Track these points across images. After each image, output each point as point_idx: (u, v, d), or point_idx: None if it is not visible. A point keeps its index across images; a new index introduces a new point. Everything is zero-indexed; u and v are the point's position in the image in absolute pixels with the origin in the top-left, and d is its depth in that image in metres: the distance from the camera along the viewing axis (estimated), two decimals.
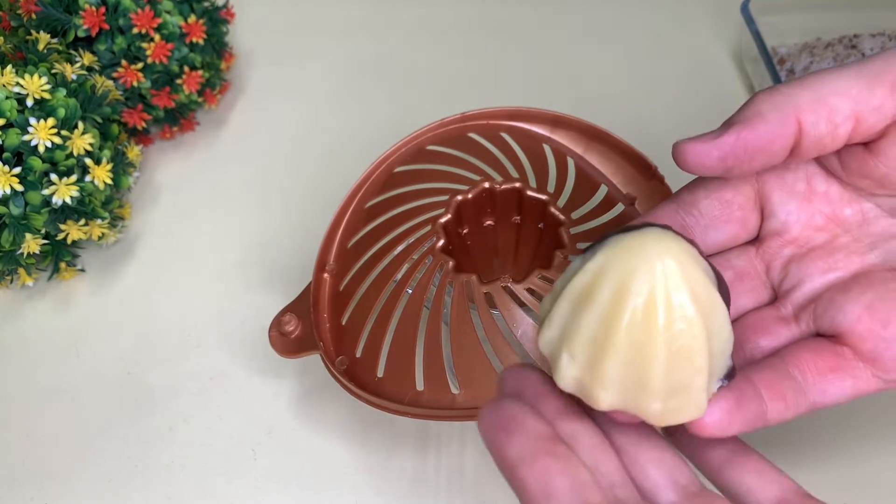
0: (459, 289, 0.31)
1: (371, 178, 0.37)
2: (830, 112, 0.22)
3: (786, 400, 0.21)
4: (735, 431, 0.20)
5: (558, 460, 0.18)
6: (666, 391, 0.19)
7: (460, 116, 0.38)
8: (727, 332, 0.19)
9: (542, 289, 0.31)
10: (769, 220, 0.25)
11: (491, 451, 0.19)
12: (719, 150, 0.22)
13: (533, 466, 0.18)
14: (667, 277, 0.17)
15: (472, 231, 0.36)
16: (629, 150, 0.36)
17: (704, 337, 0.18)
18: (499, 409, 0.20)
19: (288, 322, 0.32)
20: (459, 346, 0.30)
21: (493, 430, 0.19)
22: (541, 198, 0.34)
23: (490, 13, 0.51)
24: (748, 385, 0.21)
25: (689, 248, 0.18)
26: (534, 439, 0.18)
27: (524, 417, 0.19)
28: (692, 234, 0.25)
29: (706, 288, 0.18)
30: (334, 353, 0.32)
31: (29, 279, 0.38)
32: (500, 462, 0.19)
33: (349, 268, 0.34)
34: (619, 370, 0.19)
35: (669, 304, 0.18)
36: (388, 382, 0.30)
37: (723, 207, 0.25)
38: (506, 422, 0.19)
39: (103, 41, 0.39)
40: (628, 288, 0.18)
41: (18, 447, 0.34)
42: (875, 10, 0.45)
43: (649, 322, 0.18)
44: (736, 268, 0.25)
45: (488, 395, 0.29)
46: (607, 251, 0.19)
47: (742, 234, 0.26)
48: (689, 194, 0.25)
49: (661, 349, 0.18)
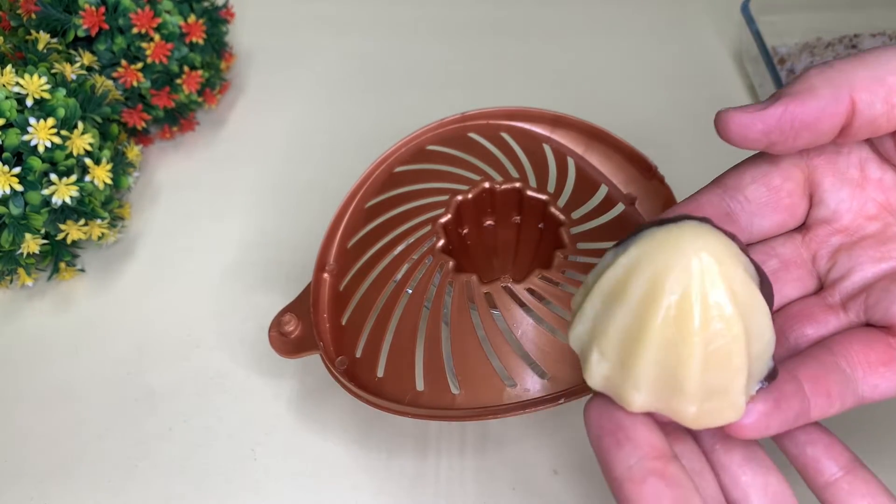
0: (459, 289, 0.31)
1: (371, 178, 0.37)
2: (889, 92, 0.21)
3: (830, 395, 0.20)
4: (774, 432, 0.19)
5: (670, 486, 0.17)
6: (702, 393, 0.18)
7: (460, 116, 0.38)
8: (769, 333, 0.18)
9: (542, 289, 0.31)
10: (818, 207, 0.24)
11: (597, 455, 0.18)
12: (764, 122, 0.21)
13: (642, 488, 0.17)
14: (704, 274, 0.17)
15: (472, 231, 0.36)
16: (629, 149, 0.36)
17: (744, 337, 0.17)
18: (609, 412, 0.18)
19: (288, 322, 0.32)
20: (459, 346, 0.30)
21: (602, 435, 0.18)
22: (541, 198, 0.34)
23: (490, 13, 0.51)
24: (791, 382, 0.20)
25: (729, 244, 0.18)
26: (645, 456, 0.17)
27: (635, 426, 0.18)
28: (737, 221, 0.24)
29: (746, 286, 0.17)
30: (334, 353, 0.32)
31: (29, 279, 0.38)
32: (606, 472, 0.18)
33: (349, 268, 0.33)
34: (652, 370, 0.18)
35: (706, 302, 0.17)
36: (389, 382, 0.30)
37: (770, 194, 0.24)
38: (615, 428, 0.18)
39: (103, 41, 0.39)
40: (662, 285, 0.17)
41: (18, 447, 0.34)
42: (875, 10, 0.45)
43: (684, 321, 0.17)
44: (781, 256, 0.24)
45: (489, 396, 0.29)
46: (641, 245, 0.18)
47: (790, 222, 0.24)
48: (734, 178, 0.24)
49: (698, 350, 0.17)
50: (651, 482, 0.17)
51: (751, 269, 0.18)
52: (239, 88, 0.48)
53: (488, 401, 0.29)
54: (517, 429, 0.33)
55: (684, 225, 0.17)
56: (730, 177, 0.24)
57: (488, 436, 0.33)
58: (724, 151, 0.43)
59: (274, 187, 0.43)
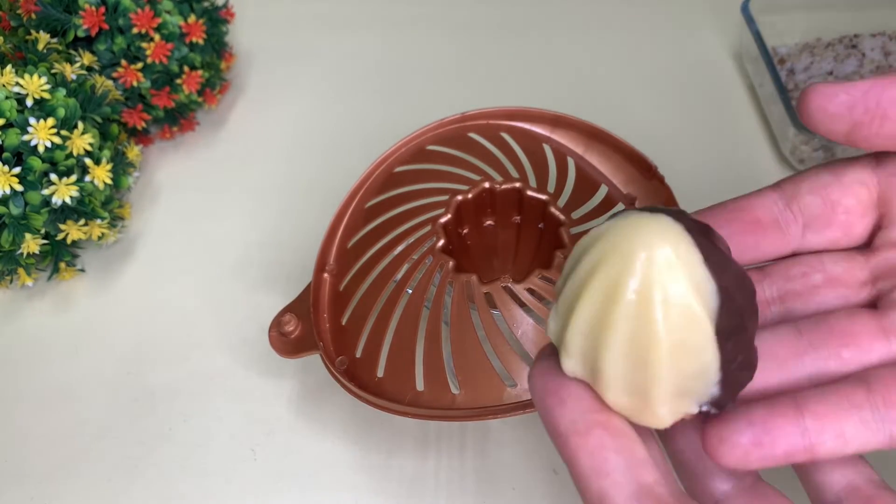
0: (459, 289, 0.31)
1: (371, 178, 0.37)
2: None
3: (844, 436, 0.18)
4: (756, 466, 0.18)
5: (613, 436, 0.17)
6: (624, 386, 0.18)
7: (460, 116, 0.38)
8: (709, 356, 0.17)
9: (542, 289, 0.31)
10: (889, 229, 0.22)
11: (541, 415, 0.18)
12: (848, 94, 0.19)
13: (586, 440, 0.17)
14: (635, 272, 0.16)
15: (472, 231, 0.36)
16: (629, 149, 0.36)
17: (664, 346, 0.17)
18: (551, 374, 0.18)
19: (288, 322, 0.32)
20: (459, 346, 0.30)
21: (545, 394, 0.18)
22: (541, 198, 0.34)
23: (490, 12, 0.51)
24: (784, 416, 0.18)
25: (688, 249, 0.17)
26: (587, 410, 0.17)
27: (578, 386, 0.18)
28: (786, 229, 0.22)
29: (683, 297, 0.17)
30: (334, 353, 0.32)
31: (29, 279, 0.38)
32: (551, 431, 0.18)
33: (349, 268, 0.33)
34: (585, 351, 0.18)
35: (630, 298, 0.16)
36: (389, 382, 0.30)
37: (826, 208, 0.22)
38: (557, 387, 0.18)
39: (103, 41, 0.39)
40: (595, 274, 0.17)
41: (18, 447, 0.34)
42: (875, 10, 0.45)
43: (608, 311, 0.17)
44: (829, 273, 0.22)
45: (489, 396, 0.29)
46: (600, 232, 0.17)
47: (842, 240, 0.22)
48: (792, 185, 0.22)
49: (617, 339, 0.17)
50: (596, 433, 0.17)
51: (709, 285, 0.17)
52: (239, 88, 0.48)
53: (488, 401, 0.29)
54: (517, 429, 0.33)
55: (638, 218, 0.17)
56: (788, 182, 0.23)
57: (488, 436, 0.33)
58: (723, 151, 0.43)
59: (274, 187, 0.43)
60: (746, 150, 0.43)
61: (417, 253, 0.32)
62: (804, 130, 0.38)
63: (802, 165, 0.40)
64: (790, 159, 0.41)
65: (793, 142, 0.40)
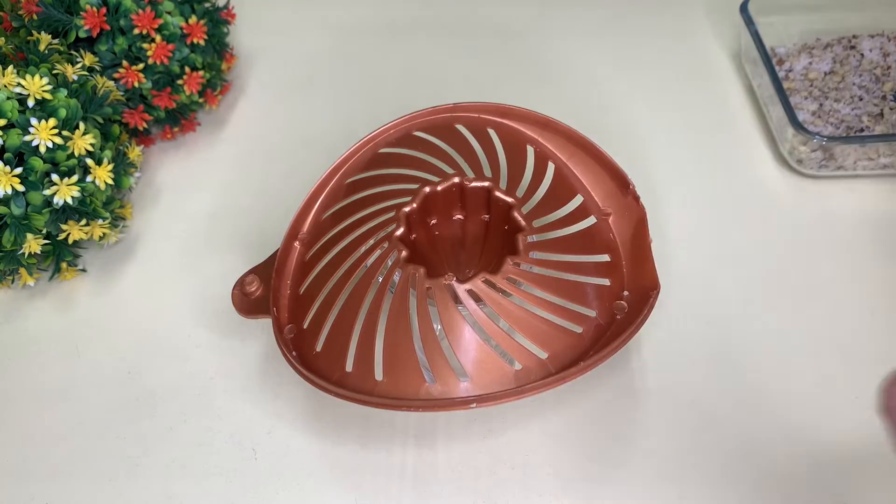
0: (405, 279, 0.31)
1: (357, 154, 0.37)
2: None
3: None
4: None
5: None
6: None
7: (452, 106, 0.38)
8: None
9: (482, 292, 0.30)
10: None
11: None
12: None
13: None
14: None
15: (440, 222, 0.36)
16: (611, 164, 0.35)
17: None
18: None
19: (251, 283, 0.33)
20: (392, 334, 0.30)
21: None
22: (507, 200, 0.34)
23: (490, 13, 0.51)
24: None
25: None
26: None
27: None
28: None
29: None
30: (287, 321, 0.32)
31: (30, 279, 0.38)
32: None
33: (318, 239, 0.34)
34: None
35: None
36: (323, 358, 0.31)
37: None
38: None
39: (104, 42, 0.39)
40: None
41: (18, 447, 0.34)
42: (874, 11, 0.46)
43: None
44: None
45: (407, 388, 0.29)
46: None
47: None
48: None
49: None
50: None
51: None
52: (240, 89, 0.48)
53: (407, 393, 0.29)
54: (517, 430, 0.34)
55: None
56: None
57: (489, 436, 0.33)
58: (722, 151, 0.43)
59: (275, 187, 0.43)
60: (745, 150, 0.43)
61: (376, 237, 0.33)
62: (803, 131, 0.38)
63: (801, 166, 0.41)
64: (789, 160, 0.41)
65: (791, 142, 0.40)
